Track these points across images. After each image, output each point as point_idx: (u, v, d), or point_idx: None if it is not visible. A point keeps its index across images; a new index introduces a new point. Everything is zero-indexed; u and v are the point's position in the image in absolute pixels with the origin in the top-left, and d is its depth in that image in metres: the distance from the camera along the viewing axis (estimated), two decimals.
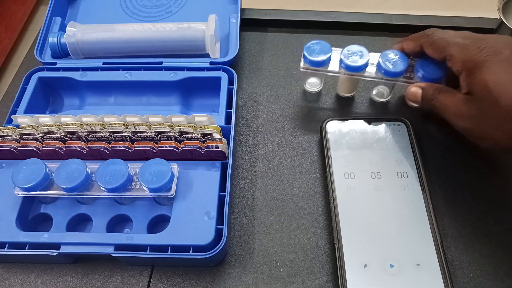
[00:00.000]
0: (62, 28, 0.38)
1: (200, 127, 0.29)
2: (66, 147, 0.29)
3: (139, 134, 0.29)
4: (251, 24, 0.41)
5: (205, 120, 0.30)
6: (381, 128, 0.32)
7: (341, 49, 0.32)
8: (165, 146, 0.29)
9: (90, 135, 0.30)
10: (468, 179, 0.31)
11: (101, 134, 0.29)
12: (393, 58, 0.31)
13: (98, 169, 0.27)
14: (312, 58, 0.31)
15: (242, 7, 0.40)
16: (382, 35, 0.40)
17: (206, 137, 0.29)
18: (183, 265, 0.28)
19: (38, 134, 0.30)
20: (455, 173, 0.32)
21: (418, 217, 0.28)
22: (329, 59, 0.32)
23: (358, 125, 0.32)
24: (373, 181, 0.29)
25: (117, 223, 0.29)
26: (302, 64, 0.32)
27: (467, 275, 0.27)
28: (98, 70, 0.35)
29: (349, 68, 0.31)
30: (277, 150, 0.33)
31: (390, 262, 0.26)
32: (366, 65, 0.31)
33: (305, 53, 0.32)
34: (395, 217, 0.28)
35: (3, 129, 0.30)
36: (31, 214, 0.29)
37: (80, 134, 0.29)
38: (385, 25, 0.40)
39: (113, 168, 0.27)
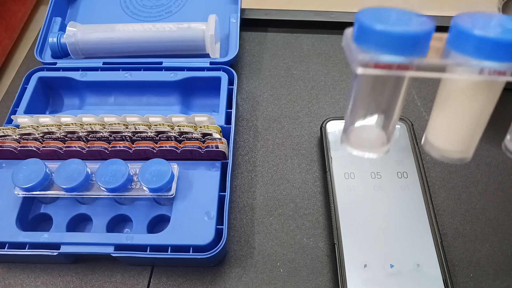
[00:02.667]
0: (62, 28, 0.38)
1: (200, 127, 0.29)
2: (66, 147, 0.29)
3: (139, 134, 0.29)
4: (251, 24, 0.41)
5: (205, 120, 0.30)
6: None
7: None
8: (165, 146, 0.29)
9: (90, 135, 0.30)
10: (469, 179, 0.31)
11: (101, 134, 0.29)
12: None
13: (98, 169, 0.27)
14: (396, 29, 0.14)
15: (242, 7, 0.40)
16: None
17: (206, 137, 0.29)
18: (183, 265, 0.28)
19: (38, 134, 0.30)
20: (456, 173, 0.32)
21: (418, 217, 0.28)
22: (429, 36, 0.15)
23: None
24: (373, 181, 0.29)
25: (117, 223, 0.29)
26: (359, 56, 0.15)
27: (467, 275, 0.27)
28: (98, 70, 0.35)
29: (494, 52, 0.14)
30: (277, 150, 0.33)
31: (390, 262, 0.26)
32: None
33: (368, 23, 0.15)
34: (395, 217, 0.28)
35: (3, 129, 0.30)
36: (31, 214, 0.29)
37: (80, 134, 0.29)
38: None
39: (113, 168, 0.27)
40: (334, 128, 0.32)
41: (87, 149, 0.29)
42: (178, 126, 0.29)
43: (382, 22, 0.15)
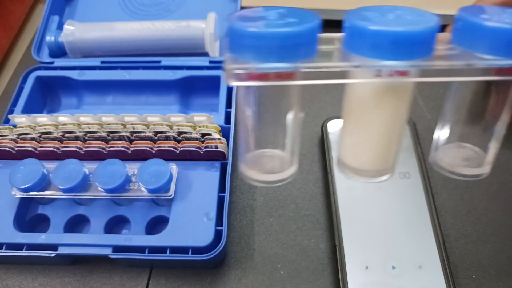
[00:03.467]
0: (60, 27, 0.38)
1: (199, 127, 0.29)
2: (63, 147, 0.29)
3: (137, 134, 0.29)
4: None
5: (204, 120, 0.30)
6: None
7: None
8: (164, 146, 0.28)
9: (87, 135, 0.29)
10: (471, 180, 0.31)
11: (99, 134, 0.29)
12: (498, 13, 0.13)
13: (96, 169, 0.27)
14: (271, 30, 0.12)
15: (242, 5, 0.40)
16: None
17: (205, 137, 0.29)
18: (182, 267, 0.27)
19: (36, 134, 0.30)
20: None
21: (420, 218, 0.27)
22: (314, 34, 0.13)
23: None
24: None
25: (115, 224, 0.29)
26: (229, 67, 0.13)
27: (469, 277, 0.27)
28: (96, 69, 0.35)
29: (395, 51, 0.12)
30: None
31: (392, 263, 0.26)
32: (431, 32, 0.12)
33: (239, 26, 0.12)
34: (397, 218, 0.27)
35: (0, 129, 0.30)
36: (29, 215, 0.28)
37: (78, 134, 0.29)
38: None
39: (111, 168, 0.27)
40: (335, 128, 0.32)
41: (84, 149, 0.29)
42: (177, 125, 0.29)
43: (255, 24, 0.12)
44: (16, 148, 0.29)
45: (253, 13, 0.13)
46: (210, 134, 0.29)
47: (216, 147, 0.28)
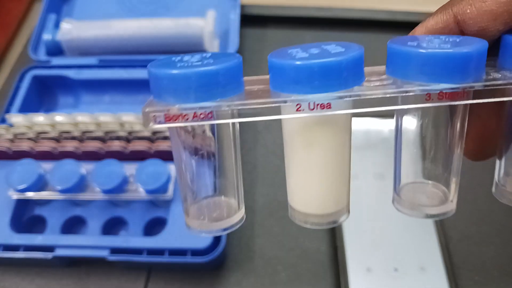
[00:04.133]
0: (58, 25, 0.38)
1: None
2: (60, 147, 0.28)
3: (135, 134, 0.29)
4: (251, 20, 0.40)
5: None
6: (385, 127, 0.31)
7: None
8: (162, 146, 0.28)
9: (84, 135, 0.29)
10: (474, 180, 0.30)
11: (96, 133, 0.29)
12: (433, 40, 0.13)
13: (93, 170, 0.27)
14: (185, 70, 0.12)
15: (242, 3, 0.40)
16: (385, 33, 0.40)
17: None
18: (181, 270, 0.27)
19: (32, 133, 0.29)
20: (461, 174, 0.31)
21: (423, 219, 0.27)
22: (232, 73, 0.13)
23: (361, 124, 0.32)
24: (377, 183, 0.28)
25: (113, 226, 0.28)
26: (145, 109, 0.12)
27: (472, 278, 0.26)
28: (93, 68, 0.35)
29: (322, 83, 0.12)
30: (277, 151, 0.32)
31: (394, 265, 0.25)
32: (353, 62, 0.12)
33: (156, 70, 0.13)
34: (399, 220, 0.27)
35: None
36: (25, 216, 0.28)
37: (75, 133, 0.29)
38: (388, 22, 0.40)
39: (109, 169, 0.27)
40: None
41: (81, 149, 0.28)
42: None
43: (174, 67, 0.12)
44: (12, 149, 0.29)
45: (176, 58, 0.13)
46: None
47: None
